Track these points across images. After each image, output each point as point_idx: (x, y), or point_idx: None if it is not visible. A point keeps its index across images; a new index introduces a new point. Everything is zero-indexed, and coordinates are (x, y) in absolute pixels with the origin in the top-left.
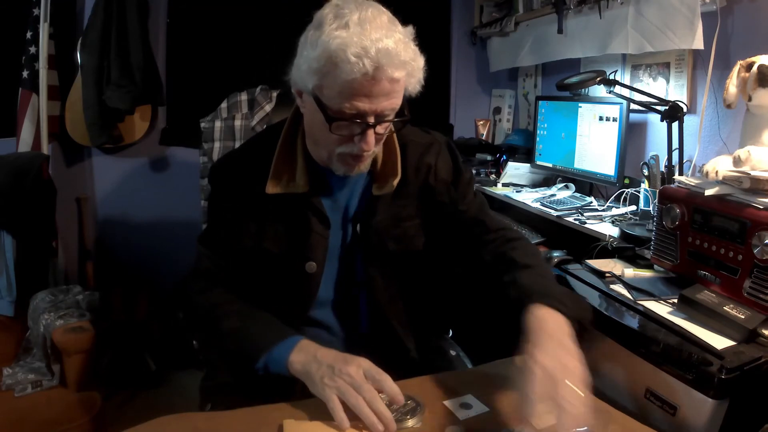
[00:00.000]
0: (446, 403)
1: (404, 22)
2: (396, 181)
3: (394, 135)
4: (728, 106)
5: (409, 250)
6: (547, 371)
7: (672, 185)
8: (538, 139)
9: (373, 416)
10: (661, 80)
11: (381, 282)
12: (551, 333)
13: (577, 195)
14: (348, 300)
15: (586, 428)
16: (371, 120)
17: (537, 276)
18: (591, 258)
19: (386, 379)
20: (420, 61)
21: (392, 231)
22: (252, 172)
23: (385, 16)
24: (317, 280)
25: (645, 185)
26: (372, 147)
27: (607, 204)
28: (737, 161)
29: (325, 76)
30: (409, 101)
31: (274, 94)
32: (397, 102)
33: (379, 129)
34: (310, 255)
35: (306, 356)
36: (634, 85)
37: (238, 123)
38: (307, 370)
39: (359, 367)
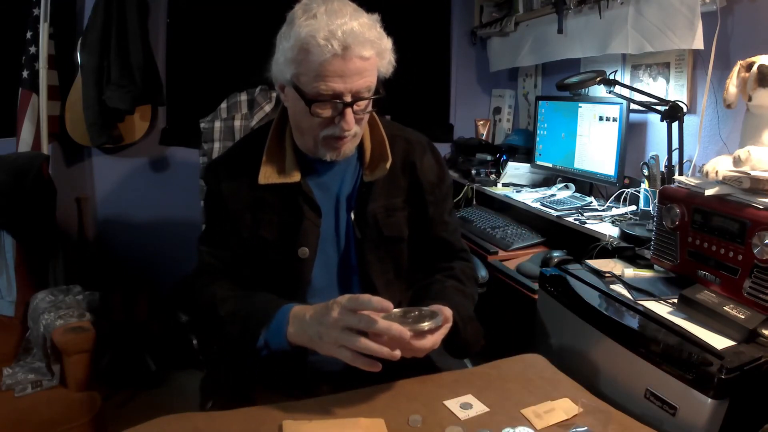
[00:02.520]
0: (446, 403)
1: (404, 23)
2: (388, 164)
3: (380, 125)
4: (728, 106)
5: (401, 236)
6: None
7: (672, 185)
8: (538, 139)
9: (382, 348)
10: (661, 80)
11: (377, 266)
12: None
13: (577, 195)
14: (343, 285)
15: (586, 428)
16: (348, 99)
17: (461, 293)
18: (591, 258)
19: (367, 300)
20: (387, 43)
21: (385, 219)
22: (245, 167)
23: (350, 6)
24: (310, 266)
25: (645, 185)
26: (352, 126)
27: (607, 204)
28: (737, 161)
29: (300, 64)
30: (409, 101)
31: (274, 95)
32: (371, 80)
33: (357, 108)
34: (302, 241)
35: (299, 325)
36: (634, 85)
37: (237, 123)
38: (304, 339)
39: (339, 306)
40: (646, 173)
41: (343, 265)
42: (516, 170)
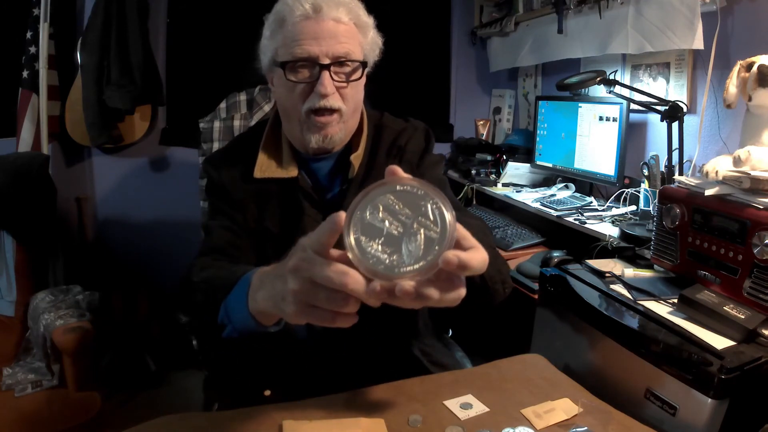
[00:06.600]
0: (446, 403)
1: (404, 23)
2: (354, 156)
3: (365, 118)
4: (728, 106)
5: None
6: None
7: (672, 185)
8: (538, 139)
9: (346, 306)
10: (661, 80)
11: None
12: None
13: (577, 195)
14: None
15: (586, 428)
16: (325, 61)
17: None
18: (591, 258)
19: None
20: (367, 18)
21: None
22: (244, 161)
23: None
24: None
25: (645, 185)
26: (329, 89)
27: (607, 204)
28: (737, 161)
29: (277, 35)
30: (409, 101)
31: None
32: (349, 47)
33: (337, 78)
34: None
35: (267, 286)
36: (634, 85)
37: (237, 123)
38: (269, 304)
39: (300, 248)
40: (646, 173)
41: None
42: (516, 170)
